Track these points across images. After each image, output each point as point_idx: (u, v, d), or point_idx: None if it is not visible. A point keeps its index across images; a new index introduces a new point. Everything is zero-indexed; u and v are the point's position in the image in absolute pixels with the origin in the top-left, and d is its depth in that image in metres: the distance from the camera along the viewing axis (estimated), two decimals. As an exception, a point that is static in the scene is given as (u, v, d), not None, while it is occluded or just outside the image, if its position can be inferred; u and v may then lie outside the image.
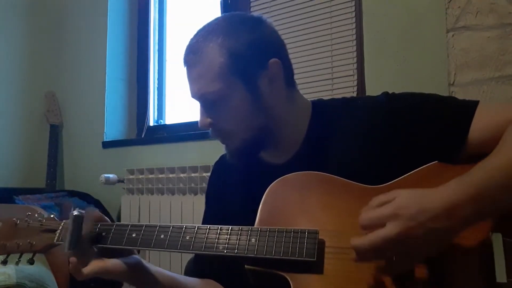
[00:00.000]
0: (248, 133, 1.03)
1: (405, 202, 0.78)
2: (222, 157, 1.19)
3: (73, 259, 0.94)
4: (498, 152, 0.84)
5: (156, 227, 0.98)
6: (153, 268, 1.04)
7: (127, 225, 1.00)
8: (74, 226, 0.95)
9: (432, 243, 0.78)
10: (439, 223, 0.76)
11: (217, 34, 1.01)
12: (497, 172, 0.79)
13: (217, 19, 1.07)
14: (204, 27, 1.06)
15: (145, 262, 1.04)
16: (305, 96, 1.12)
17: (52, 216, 1.07)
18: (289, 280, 0.87)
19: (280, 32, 1.10)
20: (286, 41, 1.10)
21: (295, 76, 1.10)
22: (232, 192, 1.15)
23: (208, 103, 1.03)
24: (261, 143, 1.06)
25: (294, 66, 1.10)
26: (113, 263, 0.97)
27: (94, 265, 0.95)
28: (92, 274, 0.95)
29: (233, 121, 1.03)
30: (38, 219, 1.06)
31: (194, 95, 1.04)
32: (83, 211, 0.98)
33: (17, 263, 1.05)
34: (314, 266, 0.86)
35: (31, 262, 1.04)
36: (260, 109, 1.02)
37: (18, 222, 1.06)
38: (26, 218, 1.06)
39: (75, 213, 0.96)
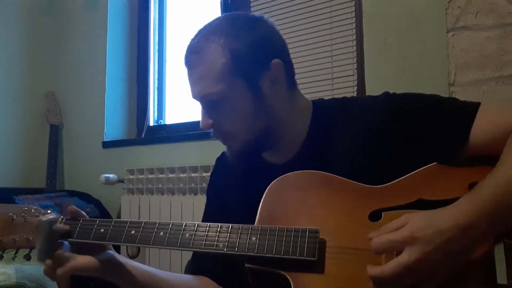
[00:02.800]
0: (249, 134, 1.03)
1: (419, 225, 0.78)
2: (224, 153, 1.19)
3: (48, 262, 0.97)
4: (505, 162, 0.83)
5: (156, 224, 0.98)
6: (130, 263, 1.04)
7: (126, 222, 1.00)
8: (43, 234, 0.97)
9: (450, 265, 0.78)
10: (455, 244, 0.76)
11: (218, 35, 1.00)
12: (505, 187, 0.78)
13: (218, 19, 1.07)
14: (205, 27, 1.05)
15: (120, 257, 1.03)
16: (305, 96, 1.12)
17: (49, 211, 1.07)
18: (290, 279, 0.87)
19: (280, 32, 1.10)
20: (286, 41, 1.10)
21: (295, 76, 1.10)
22: (233, 191, 1.15)
23: (209, 104, 1.03)
24: (263, 144, 1.06)
25: (294, 66, 1.10)
26: (85, 260, 0.98)
27: (66, 265, 0.96)
28: (65, 274, 0.96)
29: (235, 122, 1.02)
30: (35, 214, 1.06)
31: (196, 96, 1.04)
32: (52, 216, 0.99)
33: (13, 259, 1.04)
34: (315, 266, 0.86)
35: (27, 258, 1.04)
36: (262, 110, 1.02)
37: (15, 217, 1.05)
38: (23, 214, 1.05)
39: (43, 219, 0.98)
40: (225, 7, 2.37)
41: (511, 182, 0.79)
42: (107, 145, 2.69)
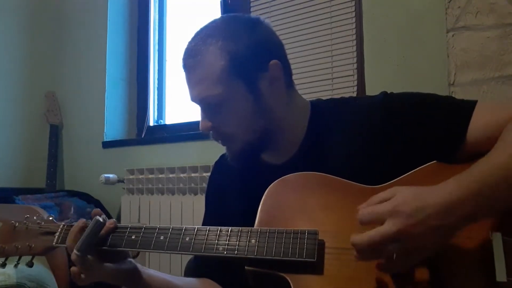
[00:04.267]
0: (249, 135, 1.03)
1: (404, 199, 0.78)
2: (222, 157, 1.19)
3: (74, 268, 0.96)
4: (497, 149, 0.84)
5: (156, 228, 0.98)
6: (147, 271, 1.05)
7: (126, 227, 1.00)
8: (93, 231, 0.96)
9: (432, 241, 0.78)
10: (438, 220, 0.76)
11: (216, 37, 1.00)
12: (496, 170, 0.79)
13: (214, 21, 1.06)
14: (202, 30, 1.05)
15: (139, 265, 1.04)
16: (305, 96, 1.12)
17: (50, 218, 1.07)
18: (289, 281, 0.86)
19: (280, 33, 1.10)
20: (286, 41, 1.10)
21: (295, 76, 1.10)
22: (231, 193, 1.15)
23: (209, 106, 1.03)
24: (262, 145, 1.06)
25: (294, 66, 1.10)
26: (112, 268, 0.98)
27: (95, 271, 0.97)
28: (93, 280, 0.97)
29: (234, 124, 1.02)
30: (36, 221, 1.06)
31: (195, 99, 1.04)
32: (104, 220, 0.98)
33: (15, 266, 1.04)
34: (314, 267, 0.86)
35: (30, 265, 1.04)
36: (261, 111, 1.02)
37: (17, 224, 1.05)
38: (25, 221, 1.06)
39: (100, 219, 0.96)
40: (225, 7, 2.37)
41: (501, 166, 0.79)
42: (107, 145, 2.69)
